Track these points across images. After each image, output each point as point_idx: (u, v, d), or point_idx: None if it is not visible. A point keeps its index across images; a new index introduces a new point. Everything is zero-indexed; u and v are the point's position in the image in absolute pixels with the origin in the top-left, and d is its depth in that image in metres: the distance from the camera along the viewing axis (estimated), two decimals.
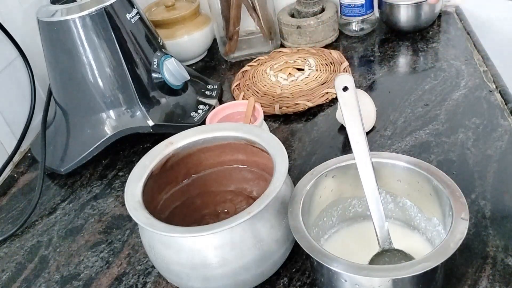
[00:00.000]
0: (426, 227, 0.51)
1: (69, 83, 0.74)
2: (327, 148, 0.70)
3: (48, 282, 0.58)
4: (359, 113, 0.46)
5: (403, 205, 0.53)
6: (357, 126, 0.47)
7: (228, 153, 0.58)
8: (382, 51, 0.90)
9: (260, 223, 0.47)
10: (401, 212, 0.53)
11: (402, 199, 0.52)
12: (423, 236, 0.52)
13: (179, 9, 0.97)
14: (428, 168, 0.48)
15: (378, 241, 0.48)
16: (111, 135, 0.74)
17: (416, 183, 0.49)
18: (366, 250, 0.48)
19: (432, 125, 0.69)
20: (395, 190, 0.52)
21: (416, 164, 0.49)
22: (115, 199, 0.69)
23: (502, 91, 0.72)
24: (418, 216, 0.52)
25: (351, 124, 0.47)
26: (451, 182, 0.46)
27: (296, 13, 0.97)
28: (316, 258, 0.41)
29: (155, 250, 0.49)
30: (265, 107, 0.79)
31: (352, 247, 0.52)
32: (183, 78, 0.78)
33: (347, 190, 0.53)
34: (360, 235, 0.54)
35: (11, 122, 0.81)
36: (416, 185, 0.50)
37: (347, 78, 0.46)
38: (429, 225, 0.50)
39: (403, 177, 0.50)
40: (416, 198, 0.51)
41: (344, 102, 0.46)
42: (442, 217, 0.47)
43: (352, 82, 0.46)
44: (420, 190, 0.49)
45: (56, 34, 0.70)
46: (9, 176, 0.79)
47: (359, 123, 0.47)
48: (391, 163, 0.50)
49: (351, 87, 0.46)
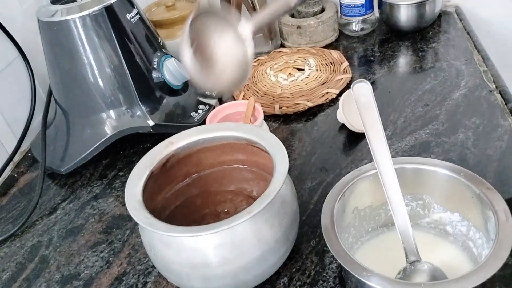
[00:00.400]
0: (461, 234, 0.50)
1: (69, 83, 0.74)
2: (327, 148, 0.70)
3: (48, 282, 0.59)
4: (380, 123, 0.44)
5: (434, 211, 0.51)
6: (378, 135, 0.44)
7: (228, 153, 0.58)
8: (382, 51, 0.90)
9: (261, 223, 0.47)
10: (431, 218, 0.52)
11: (435, 205, 0.51)
12: (456, 244, 0.50)
13: (179, 9, 0.97)
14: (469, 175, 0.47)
15: (406, 253, 0.46)
16: (111, 135, 0.74)
17: (454, 189, 0.48)
18: (394, 260, 0.47)
19: (432, 125, 0.69)
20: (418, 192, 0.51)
21: (454, 170, 0.48)
22: (115, 199, 0.69)
23: (502, 91, 0.72)
24: (453, 223, 0.50)
25: (372, 134, 0.44)
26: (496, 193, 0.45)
27: (296, 13, 0.97)
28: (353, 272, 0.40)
29: (155, 249, 0.49)
30: (265, 107, 0.79)
31: (382, 257, 0.51)
32: (183, 78, 0.78)
33: (365, 201, 0.52)
34: (390, 244, 0.52)
35: (11, 122, 0.81)
36: (454, 192, 0.48)
37: (365, 87, 0.43)
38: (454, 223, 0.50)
39: (438, 182, 0.49)
40: (442, 199, 0.50)
41: (363, 111, 0.44)
42: (484, 228, 0.46)
43: (371, 91, 0.44)
44: (460, 196, 0.48)
45: (56, 34, 0.70)
46: (10, 176, 0.79)
47: (380, 132, 0.44)
48: (423, 168, 0.49)
49: (369, 96, 0.44)
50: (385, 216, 0.53)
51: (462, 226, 0.49)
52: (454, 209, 0.50)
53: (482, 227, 0.46)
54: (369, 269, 0.41)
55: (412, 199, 0.52)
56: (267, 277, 0.51)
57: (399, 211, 0.45)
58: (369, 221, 0.53)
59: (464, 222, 0.49)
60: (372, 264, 0.41)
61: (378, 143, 0.45)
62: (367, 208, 0.52)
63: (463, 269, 0.47)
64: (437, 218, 0.52)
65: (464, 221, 0.49)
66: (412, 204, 0.52)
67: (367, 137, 0.45)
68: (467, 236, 0.49)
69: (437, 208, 0.51)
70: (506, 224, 0.42)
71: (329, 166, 0.66)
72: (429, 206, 0.52)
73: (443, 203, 0.51)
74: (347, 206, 0.50)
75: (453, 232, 0.51)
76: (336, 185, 0.49)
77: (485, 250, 0.46)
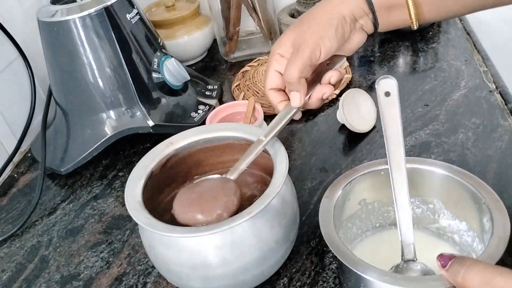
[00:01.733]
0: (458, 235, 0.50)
1: (69, 83, 0.74)
2: (327, 148, 0.70)
3: (48, 282, 0.58)
4: (400, 121, 0.44)
5: (435, 212, 0.51)
6: (396, 133, 0.44)
7: (228, 153, 0.58)
8: (382, 51, 0.90)
9: (260, 223, 0.47)
10: (430, 219, 0.52)
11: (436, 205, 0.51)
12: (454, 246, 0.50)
13: (179, 10, 0.97)
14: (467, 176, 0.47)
15: (402, 251, 0.46)
16: (111, 135, 0.74)
17: (453, 190, 0.48)
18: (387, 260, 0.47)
19: (432, 125, 0.69)
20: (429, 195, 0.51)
21: (453, 172, 0.48)
22: (115, 199, 0.69)
23: (502, 91, 0.72)
24: (460, 232, 0.50)
25: (390, 131, 0.44)
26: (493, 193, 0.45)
27: (296, 13, 0.97)
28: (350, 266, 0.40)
29: (155, 250, 0.49)
30: (265, 107, 0.79)
31: (382, 253, 0.51)
32: (183, 78, 0.78)
33: (374, 196, 0.52)
34: (385, 243, 0.52)
35: (11, 122, 0.81)
36: (452, 193, 0.48)
37: (391, 83, 0.43)
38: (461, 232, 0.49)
39: (439, 184, 0.49)
40: (451, 205, 0.50)
41: (385, 107, 0.43)
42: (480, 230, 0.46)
43: (396, 87, 0.43)
44: (457, 197, 0.48)
45: (56, 35, 0.70)
46: (9, 176, 0.79)
47: (399, 130, 0.44)
48: (427, 169, 0.49)
49: (394, 93, 0.43)
50: (394, 215, 0.53)
51: (468, 236, 0.49)
52: (462, 218, 0.49)
53: (482, 237, 0.46)
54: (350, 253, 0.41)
55: (422, 202, 0.52)
56: (267, 277, 0.51)
57: (403, 207, 0.45)
58: (377, 216, 0.53)
59: (470, 233, 0.49)
60: (369, 258, 0.42)
61: (394, 139, 0.44)
62: (375, 203, 0.52)
63: None
64: (445, 224, 0.51)
65: (470, 231, 0.49)
66: (422, 207, 0.52)
67: (384, 132, 0.44)
68: (471, 247, 0.49)
69: (446, 215, 0.51)
70: (501, 236, 0.41)
71: (329, 166, 0.66)
72: (439, 211, 0.51)
73: (451, 210, 0.50)
74: (352, 196, 0.50)
75: (459, 241, 0.50)
76: (344, 174, 0.50)
77: None
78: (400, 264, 0.46)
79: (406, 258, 0.46)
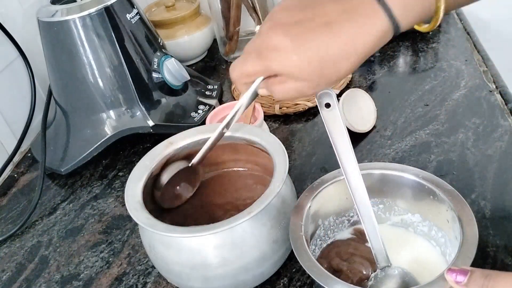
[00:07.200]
0: (423, 233, 0.51)
1: (69, 83, 0.74)
2: (327, 148, 0.70)
3: (48, 282, 0.58)
4: (345, 130, 0.44)
5: (395, 213, 0.52)
6: (344, 143, 0.44)
7: (228, 153, 0.58)
8: (382, 51, 0.90)
9: (260, 223, 0.47)
10: (392, 221, 0.53)
11: (395, 207, 0.52)
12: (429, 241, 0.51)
13: (179, 9, 0.97)
14: (430, 177, 0.48)
15: (376, 259, 0.46)
16: (111, 135, 0.74)
17: (414, 191, 0.49)
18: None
19: (432, 125, 0.69)
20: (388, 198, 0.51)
21: (417, 175, 0.48)
22: (115, 199, 0.69)
23: (502, 91, 0.72)
24: (414, 223, 0.51)
25: (338, 142, 0.44)
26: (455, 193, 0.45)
27: None
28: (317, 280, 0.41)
29: (155, 250, 0.49)
30: (265, 107, 0.79)
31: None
32: (183, 78, 0.78)
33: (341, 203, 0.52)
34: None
35: (11, 122, 0.81)
36: (414, 194, 0.49)
37: (329, 95, 0.43)
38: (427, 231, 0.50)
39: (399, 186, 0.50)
40: (414, 206, 0.50)
41: (328, 119, 0.44)
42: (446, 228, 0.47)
43: (335, 98, 0.43)
44: (420, 198, 0.49)
45: (56, 34, 0.70)
46: (9, 176, 0.79)
47: (346, 140, 0.44)
48: (388, 173, 0.50)
49: (334, 104, 0.43)
50: (348, 223, 0.53)
51: (424, 226, 0.50)
52: (415, 211, 0.50)
53: (444, 226, 0.47)
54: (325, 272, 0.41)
55: (373, 204, 0.51)
56: (267, 277, 0.51)
57: (368, 219, 0.45)
58: (333, 230, 0.53)
59: (426, 222, 0.50)
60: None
61: (344, 149, 0.45)
62: (331, 217, 0.52)
63: (434, 263, 0.48)
64: (398, 220, 0.52)
65: (426, 221, 0.50)
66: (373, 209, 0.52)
67: (333, 145, 0.45)
68: (429, 235, 0.50)
69: (397, 211, 0.52)
70: (470, 223, 0.42)
71: (329, 166, 0.66)
72: (389, 209, 0.52)
73: (403, 206, 0.51)
74: (313, 218, 0.50)
75: (414, 232, 0.51)
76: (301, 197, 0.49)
77: (449, 248, 0.46)
78: (378, 273, 0.46)
79: (381, 266, 0.46)
